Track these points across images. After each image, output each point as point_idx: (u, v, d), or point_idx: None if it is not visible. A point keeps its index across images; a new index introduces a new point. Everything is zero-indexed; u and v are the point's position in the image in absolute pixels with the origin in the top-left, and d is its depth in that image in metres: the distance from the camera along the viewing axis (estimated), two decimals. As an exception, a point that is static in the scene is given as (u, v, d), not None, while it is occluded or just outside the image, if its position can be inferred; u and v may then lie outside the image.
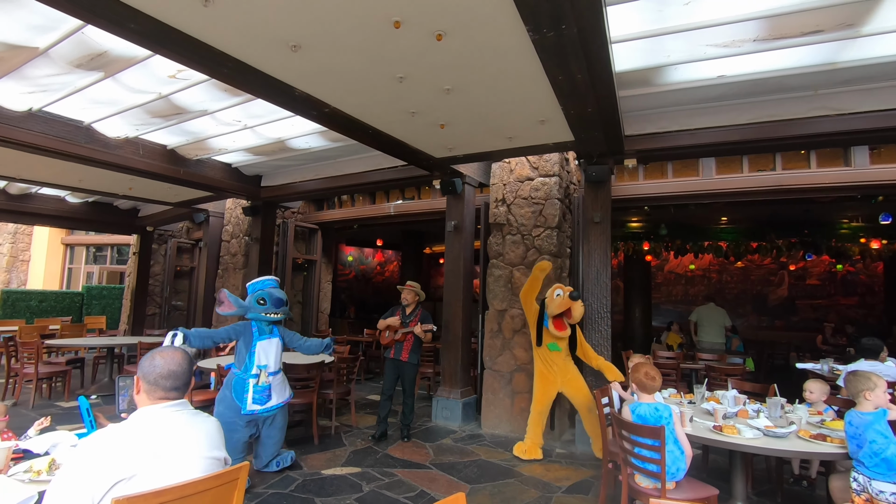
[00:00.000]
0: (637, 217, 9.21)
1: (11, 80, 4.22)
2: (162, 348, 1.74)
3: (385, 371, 5.28)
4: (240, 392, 3.88)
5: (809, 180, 5.19)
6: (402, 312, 5.23)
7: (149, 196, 8.33)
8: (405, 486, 3.91)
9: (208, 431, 1.70)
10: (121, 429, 1.54)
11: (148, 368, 1.65)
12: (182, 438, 1.60)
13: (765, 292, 12.35)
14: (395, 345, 5.13)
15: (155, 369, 1.65)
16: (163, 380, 1.64)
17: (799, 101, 4.38)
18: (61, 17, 3.24)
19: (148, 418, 1.59)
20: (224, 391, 3.96)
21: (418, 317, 5.16)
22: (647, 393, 3.02)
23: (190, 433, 1.63)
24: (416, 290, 5.30)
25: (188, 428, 1.64)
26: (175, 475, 1.51)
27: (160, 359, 1.67)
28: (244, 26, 2.84)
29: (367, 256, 14.71)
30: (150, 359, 1.68)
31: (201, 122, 5.25)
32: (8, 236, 16.27)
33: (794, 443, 2.82)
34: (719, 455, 4.48)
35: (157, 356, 1.68)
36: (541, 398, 4.77)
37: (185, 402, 1.70)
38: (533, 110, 4.00)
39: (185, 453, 1.58)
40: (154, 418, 1.60)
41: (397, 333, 5.10)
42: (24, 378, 6.28)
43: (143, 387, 1.65)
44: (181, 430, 1.62)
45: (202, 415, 1.74)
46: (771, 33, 3.30)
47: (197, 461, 1.60)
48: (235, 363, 4.03)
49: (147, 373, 1.65)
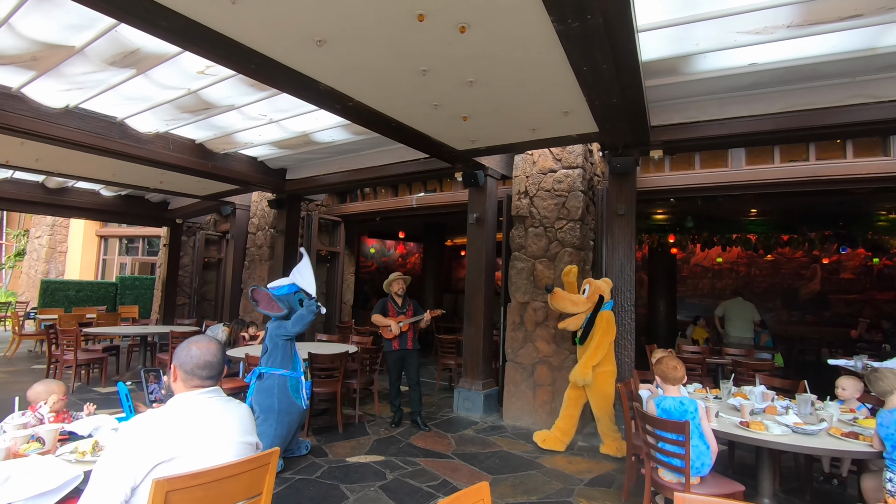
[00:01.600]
0: (662, 209, 9.03)
1: (50, 78, 4.39)
2: (197, 338, 1.80)
3: (389, 365, 5.33)
4: (297, 391, 4.02)
5: (845, 171, 5.02)
6: (394, 304, 5.30)
7: (178, 189, 8.57)
8: (428, 475, 3.98)
9: (241, 417, 1.76)
10: (160, 413, 1.62)
11: (185, 358, 1.72)
12: (217, 424, 1.67)
13: (796, 286, 11.98)
14: (399, 336, 5.20)
15: (192, 359, 1.72)
16: (199, 369, 1.71)
17: (836, 88, 4.21)
18: (96, 16, 3.34)
19: (185, 404, 1.66)
20: (276, 395, 3.93)
21: (412, 305, 5.33)
22: (670, 384, 2.99)
23: (224, 419, 1.70)
24: (406, 279, 5.40)
25: (223, 414, 1.71)
26: (211, 458, 1.58)
27: (196, 349, 1.74)
28: (270, 22, 2.88)
29: (389, 248, 14.81)
30: (186, 349, 1.75)
31: (228, 116, 5.36)
32: (46, 229, 16.97)
33: (825, 440, 2.76)
34: (746, 451, 4.41)
35: (194, 346, 1.75)
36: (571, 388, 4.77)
37: (219, 390, 1.77)
38: (556, 101, 3.96)
39: (221, 438, 1.65)
40: (191, 404, 1.67)
41: (400, 325, 5.16)
42: (63, 364, 6.58)
43: (181, 375, 1.72)
44: (216, 415, 1.69)
45: (234, 401, 1.81)
46: (806, 19, 3.19)
47: (231, 445, 1.67)
48: (278, 366, 4.01)
49: (184, 362, 1.72)
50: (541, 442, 4.70)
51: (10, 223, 20.07)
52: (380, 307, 5.30)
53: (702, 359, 5.62)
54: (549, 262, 5.57)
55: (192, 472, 1.48)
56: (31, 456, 1.86)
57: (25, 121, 4.79)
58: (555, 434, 4.70)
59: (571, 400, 4.73)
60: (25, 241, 18.74)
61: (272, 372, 4.02)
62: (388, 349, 5.28)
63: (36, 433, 1.99)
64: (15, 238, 19.46)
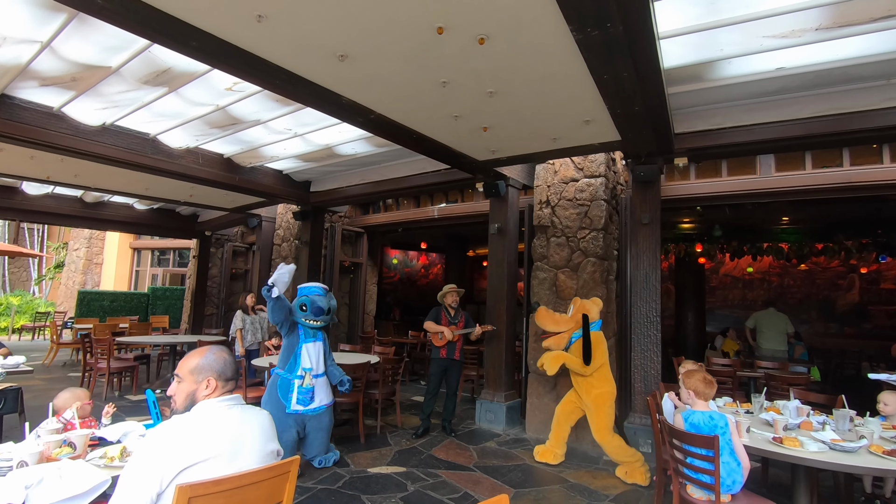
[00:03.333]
0: (689, 218, 8.84)
1: (88, 97, 4.60)
2: (216, 347, 1.84)
3: (431, 371, 5.51)
4: (285, 392, 4.05)
5: (882, 176, 4.83)
6: (447, 313, 5.49)
7: (207, 202, 8.83)
8: (449, 488, 3.94)
9: (262, 424, 1.79)
10: (186, 421, 1.65)
11: (222, 366, 1.78)
12: (241, 431, 1.70)
13: (832, 297, 11.51)
14: (447, 345, 5.38)
15: (228, 365, 1.78)
16: (234, 374, 1.79)
17: (870, 91, 4.07)
18: (132, 38, 3.50)
19: (210, 411, 1.70)
20: (270, 392, 4.14)
21: (463, 317, 5.47)
22: (703, 400, 2.90)
23: (248, 426, 1.73)
24: (460, 291, 5.61)
25: (246, 421, 1.74)
26: (234, 465, 1.60)
27: (225, 356, 1.81)
28: (295, 39, 2.97)
29: (411, 259, 14.90)
30: (217, 357, 1.79)
31: (255, 131, 5.51)
32: (84, 241, 17.67)
33: (865, 458, 2.62)
34: (780, 469, 4.23)
35: (222, 354, 1.81)
36: (563, 402, 4.67)
37: (239, 397, 1.81)
38: (578, 111, 3.94)
39: (244, 445, 1.68)
40: (215, 411, 1.70)
41: (453, 334, 5.34)
42: (97, 372, 6.80)
43: (220, 384, 1.77)
44: (240, 423, 1.72)
45: (255, 408, 1.84)
46: (836, 21, 3.10)
47: (254, 453, 1.69)
48: (279, 364, 4.20)
49: (223, 370, 1.77)
50: (536, 455, 4.63)
51: (51, 236, 20.99)
52: (433, 315, 5.51)
53: (733, 372, 5.44)
54: (571, 272, 5.50)
55: (215, 479, 1.50)
56: (62, 460, 1.93)
57: (66, 138, 5.03)
58: (549, 446, 4.63)
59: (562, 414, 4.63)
60: (64, 253, 19.55)
61: (275, 370, 4.25)
62: (434, 356, 5.48)
63: (68, 438, 2.05)
64: (55, 250, 20.32)
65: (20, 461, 1.88)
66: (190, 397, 1.75)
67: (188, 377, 1.76)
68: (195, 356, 1.80)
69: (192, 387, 1.76)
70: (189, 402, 1.75)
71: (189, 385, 1.76)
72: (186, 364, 1.79)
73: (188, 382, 1.76)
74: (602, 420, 4.29)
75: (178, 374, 1.79)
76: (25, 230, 20.51)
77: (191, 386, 1.76)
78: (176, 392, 1.78)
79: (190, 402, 1.75)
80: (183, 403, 1.76)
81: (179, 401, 1.76)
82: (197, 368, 1.76)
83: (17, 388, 3.95)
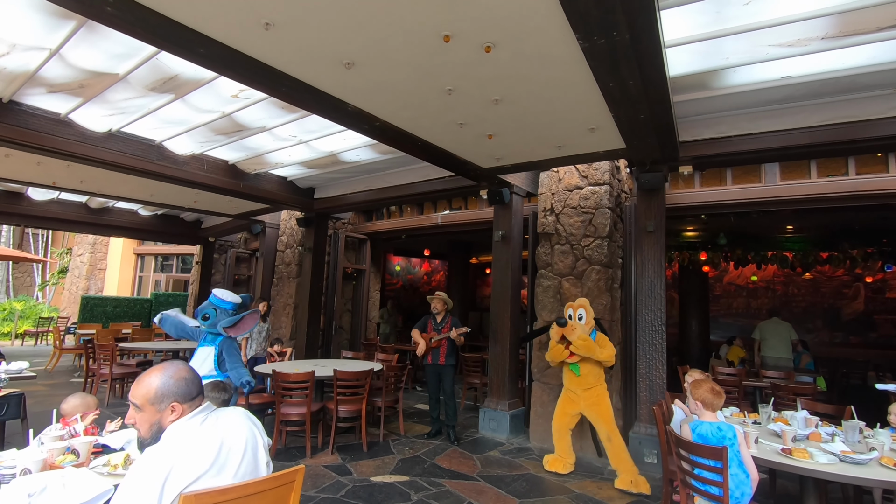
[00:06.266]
0: (693, 226, 8.82)
1: (95, 104, 4.63)
2: (170, 368, 1.67)
3: (427, 377, 5.69)
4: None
5: (888, 185, 4.80)
6: (434, 321, 5.65)
7: (211, 208, 8.86)
8: (453, 498, 3.90)
9: (245, 432, 1.69)
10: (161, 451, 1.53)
11: (183, 387, 1.63)
12: (221, 443, 1.60)
13: (838, 306, 11.43)
14: (431, 352, 5.55)
15: (188, 384, 1.65)
16: (196, 389, 1.67)
17: (875, 100, 4.07)
18: (139, 45, 3.52)
19: (181, 434, 1.58)
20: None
21: (449, 323, 5.56)
22: (711, 410, 2.86)
23: (229, 436, 1.64)
24: (444, 298, 5.73)
25: (226, 431, 1.64)
26: (220, 480, 1.54)
27: (183, 373, 1.66)
28: (301, 47, 2.98)
29: (414, 266, 14.88)
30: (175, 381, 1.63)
31: (260, 138, 5.53)
32: (88, 247, 17.72)
33: (876, 471, 2.59)
34: (789, 481, 4.18)
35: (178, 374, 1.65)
36: (558, 414, 4.64)
37: (209, 405, 1.71)
38: (582, 118, 3.94)
39: (228, 457, 1.59)
40: (187, 432, 1.59)
41: (432, 341, 5.50)
42: (100, 378, 6.79)
43: (185, 407, 1.63)
44: (217, 435, 1.61)
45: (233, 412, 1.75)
46: (842, 30, 3.10)
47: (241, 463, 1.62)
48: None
49: (185, 391, 1.63)
50: (546, 464, 4.60)
51: (55, 242, 21.09)
52: (421, 323, 5.70)
53: (738, 381, 5.39)
54: (575, 279, 5.48)
55: (220, 489, 1.48)
56: (66, 468, 1.91)
57: (73, 145, 5.05)
58: (556, 456, 4.61)
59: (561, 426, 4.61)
60: (68, 258, 19.61)
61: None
62: (424, 362, 5.69)
63: (71, 445, 2.04)
64: (59, 256, 20.39)
65: (24, 468, 1.87)
66: (155, 426, 1.61)
67: (148, 407, 1.61)
68: (150, 382, 1.62)
69: (154, 416, 1.61)
70: (155, 430, 1.61)
71: (150, 415, 1.61)
72: (141, 391, 1.61)
73: (149, 413, 1.61)
74: (609, 411, 4.40)
75: (135, 403, 1.62)
76: (30, 235, 20.62)
77: (153, 416, 1.61)
78: (137, 421, 1.63)
79: (157, 431, 1.61)
80: (148, 432, 1.61)
81: (143, 430, 1.62)
82: (156, 397, 1.61)
83: (19, 393, 3.95)
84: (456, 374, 5.75)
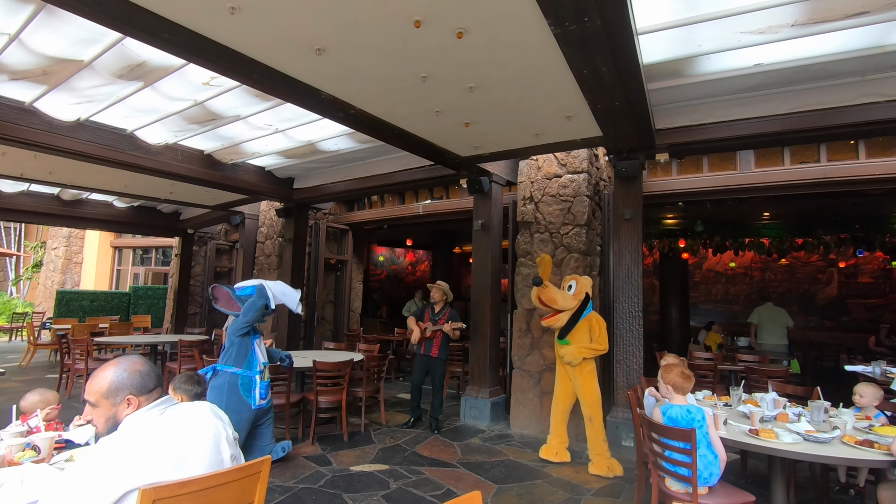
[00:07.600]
0: (672, 213, 8.92)
1: (60, 91, 4.48)
2: (124, 362, 1.63)
3: (415, 365, 5.63)
4: (248, 390, 3.96)
5: (858, 171, 4.90)
6: (431, 311, 5.56)
7: (188, 199, 8.68)
8: (432, 485, 3.93)
9: (208, 424, 1.64)
10: (144, 422, 1.53)
11: (138, 380, 1.59)
12: (181, 435, 1.55)
13: (812, 291, 11.72)
14: (425, 342, 5.46)
15: (145, 377, 1.61)
16: (154, 381, 1.62)
17: (845, 87, 4.14)
18: (103, 30, 3.41)
19: (139, 425, 1.53)
20: (231, 393, 3.90)
21: (447, 315, 5.47)
22: (681, 394, 2.92)
23: (189, 428, 1.58)
24: (445, 289, 5.62)
25: (187, 422, 1.59)
26: (181, 474, 1.49)
27: (139, 366, 1.62)
28: (269, 32, 2.91)
29: (398, 256, 14.83)
30: (130, 374, 1.59)
31: (235, 126, 5.42)
32: (63, 240, 17.30)
33: (838, 448, 2.66)
34: (759, 460, 4.30)
35: (133, 367, 1.61)
36: (558, 397, 4.67)
37: (169, 398, 1.67)
38: (559, 106, 3.94)
39: (188, 450, 1.54)
40: (144, 423, 1.53)
41: (427, 331, 5.42)
42: (75, 373, 6.66)
43: (142, 399, 1.58)
44: (178, 427, 1.56)
45: (196, 406, 1.70)
46: (811, 17, 3.13)
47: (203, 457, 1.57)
48: (232, 364, 3.99)
49: (141, 384, 1.59)
50: (553, 457, 4.53)
51: (29, 235, 20.52)
52: (419, 311, 5.68)
53: (714, 365, 5.51)
54: (555, 267, 5.51)
55: (180, 481, 1.46)
56: (25, 464, 1.87)
57: (39, 134, 4.89)
58: (557, 443, 4.61)
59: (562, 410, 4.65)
60: (42, 252, 19.13)
61: (224, 370, 3.99)
62: (416, 352, 5.62)
63: (32, 441, 1.99)
64: (32, 250, 19.88)
65: (-19, 466, 1.82)
66: (111, 420, 1.57)
67: (103, 402, 1.56)
68: (103, 376, 1.57)
69: (109, 410, 1.57)
70: (111, 424, 1.56)
71: (106, 409, 1.56)
72: (95, 386, 1.57)
73: (104, 407, 1.56)
74: (596, 393, 4.45)
75: (89, 400, 1.57)
76: (2, 229, 20.03)
77: (108, 410, 1.57)
78: (94, 417, 1.59)
79: (112, 425, 1.56)
80: (105, 427, 1.57)
81: (100, 425, 1.57)
82: (109, 391, 1.56)
83: (-13, 390, 3.85)
84: (446, 370, 5.72)
